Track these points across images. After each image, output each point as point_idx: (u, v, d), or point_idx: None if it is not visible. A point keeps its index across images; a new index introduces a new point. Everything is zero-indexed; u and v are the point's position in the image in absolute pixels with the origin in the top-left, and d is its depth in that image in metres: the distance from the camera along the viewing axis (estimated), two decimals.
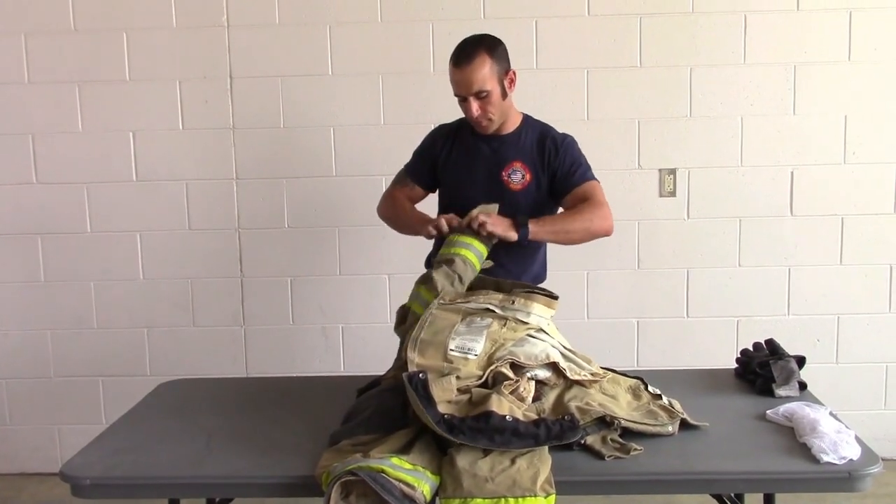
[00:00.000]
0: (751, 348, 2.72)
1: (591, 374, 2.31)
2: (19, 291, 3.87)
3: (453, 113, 2.84)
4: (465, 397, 2.13)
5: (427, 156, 2.90)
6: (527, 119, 2.84)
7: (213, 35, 3.69)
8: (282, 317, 3.84)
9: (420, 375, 2.09)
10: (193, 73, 3.72)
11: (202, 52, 3.70)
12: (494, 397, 2.08)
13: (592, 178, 2.79)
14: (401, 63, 3.68)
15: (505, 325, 2.33)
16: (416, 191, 2.93)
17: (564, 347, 2.38)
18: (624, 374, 2.42)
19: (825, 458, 1.97)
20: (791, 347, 2.64)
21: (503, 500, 1.85)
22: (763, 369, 2.52)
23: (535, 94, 3.66)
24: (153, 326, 3.87)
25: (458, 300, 2.44)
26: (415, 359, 2.22)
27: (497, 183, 2.74)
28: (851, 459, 1.98)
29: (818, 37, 3.63)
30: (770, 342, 2.67)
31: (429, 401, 2.04)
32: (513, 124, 2.79)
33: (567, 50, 3.66)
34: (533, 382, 2.21)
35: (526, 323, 2.35)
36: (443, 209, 2.86)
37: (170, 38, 3.69)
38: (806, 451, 2.03)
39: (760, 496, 2.25)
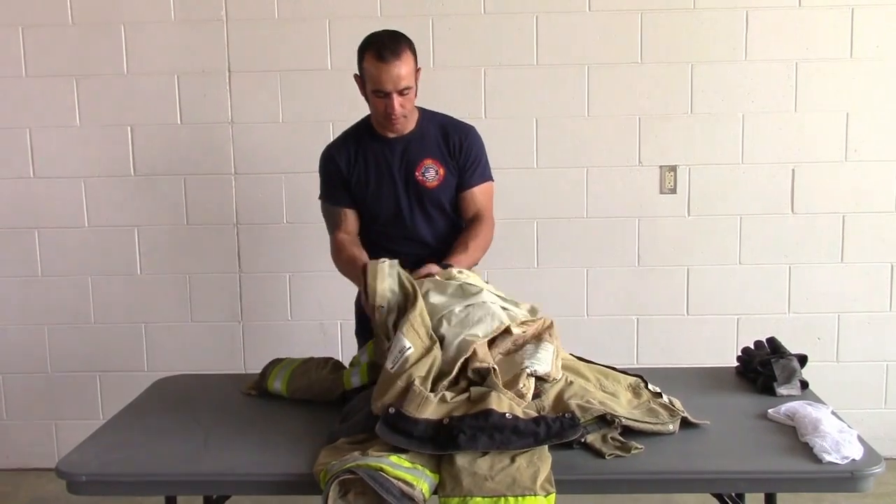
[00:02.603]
0: (752, 346, 2.70)
1: (529, 318, 2.34)
2: (16, 286, 3.85)
3: (451, 108, 2.83)
4: (463, 397, 2.12)
5: (335, 177, 2.79)
6: (423, 112, 2.79)
7: (211, 29, 3.67)
8: (280, 312, 3.83)
9: (390, 410, 2.04)
10: (192, 67, 3.70)
11: (201, 47, 3.68)
12: (493, 395, 2.07)
13: (489, 177, 2.82)
14: None
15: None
16: (349, 216, 2.80)
17: (501, 298, 2.41)
18: (624, 371, 2.41)
19: (827, 458, 1.96)
20: (791, 346, 2.63)
21: (503, 498, 1.83)
22: (764, 368, 2.50)
23: (535, 90, 3.65)
24: (151, 322, 3.86)
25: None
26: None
27: (413, 184, 2.72)
28: (854, 459, 1.96)
29: (820, 34, 3.61)
30: (771, 340, 2.65)
31: (409, 435, 2.00)
32: (413, 121, 2.75)
33: (567, 46, 3.64)
34: (533, 379, 2.19)
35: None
36: (367, 222, 2.82)
37: (168, 32, 3.67)
38: (808, 451, 2.02)
39: (761, 495, 2.24)
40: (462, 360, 2.17)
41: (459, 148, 2.74)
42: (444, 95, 3.50)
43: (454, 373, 2.15)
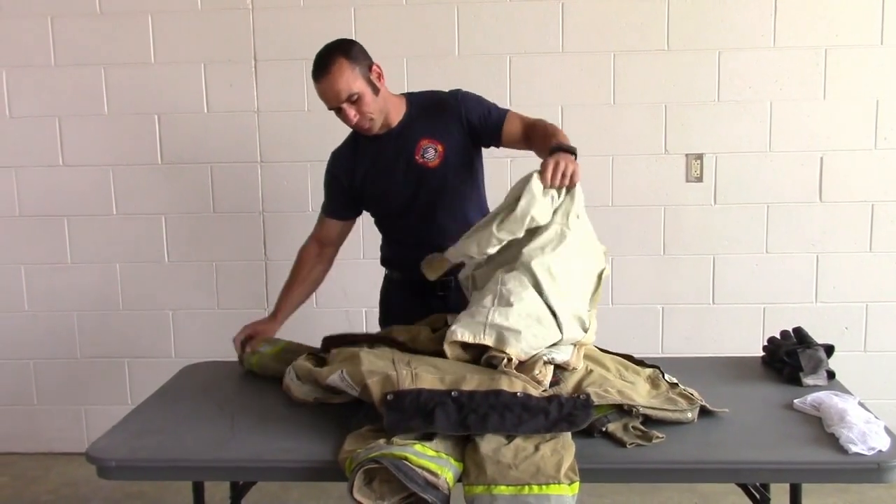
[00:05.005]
0: (778, 336, 2.68)
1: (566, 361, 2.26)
2: (46, 273, 3.90)
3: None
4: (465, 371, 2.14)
5: (336, 187, 2.81)
6: (409, 98, 2.75)
7: (237, 18, 3.69)
8: None
9: (388, 398, 2.03)
10: (218, 56, 3.72)
11: (227, 35, 3.70)
12: (506, 378, 2.07)
13: (506, 109, 2.72)
14: (425, 46, 3.65)
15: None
16: (333, 225, 2.86)
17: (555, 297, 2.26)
18: (641, 362, 2.41)
19: (854, 449, 1.94)
20: (818, 335, 2.60)
21: (527, 487, 1.83)
22: (790, 358, 2.48)
23: (561, 78, 3.64)
24: (178, 309, 3.89)
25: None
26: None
27: (415, 168, 2.67)
28: (880, 450, 1.94)
29: (849, 19, 3.57)
30: (798, 330, 2.63)
31: (417, 412, 2.01)
32: (399, 112, 2.70)
33: (593, 33, 3.62)
34: (550, 367, 2.19)
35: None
36: (384, 222, 2.85)
37: (194, 21, 3.70)
38: (834, 441, 2.00)
39: (785, 486, 2.23)
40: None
41: (455, 112, 2.68)
42: (469, 83, 3.47)
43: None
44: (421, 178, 2.68)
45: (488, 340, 2.16)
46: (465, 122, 2.68)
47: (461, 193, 2.73)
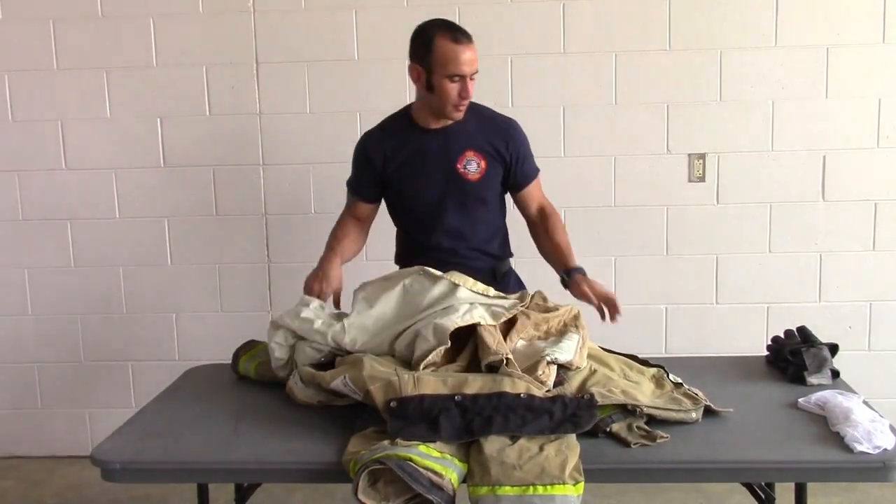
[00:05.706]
0: (782, 335, 2.68)
1: (515, 306, 2.37)
2: (50, 277, 3.90)
3: (477, 97, 2.81)
4: (460, 370, 2.17)
5: (367, 169, 2.78)
6: (469, 105, 2.73)
7: (239, 20, 3.69)
8: None
9: (391, 405, 2.05)
10: (220, 58, 3.72)
11: (228, 38, 3.70)
12: (508, 379, 2.07)
13: (538, 168, 2.83)
14: None
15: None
16: (364, 207, 2.85)
17: (485, 295, 2.43)
18: (645, 362, 2.41)
19: (859, 448, 1.95)
20: (822, 334, 2.61)
21: (531, 487, 1.83)
22: (795, 357, 2.48)
23: (563, 79, 3.64)
24: (181, 311, 3.90)
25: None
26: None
27: (454, 176, 2.67)
28: (886, 449, 1.95)
29: (851, 18, 3.56)
30: (802, 329, 2.64)
31: (422, 418, 2.02)
32: None
33: (595, 33, 3.62)
34: (554, 367, 2.19)
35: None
36: (397, 213, 2.85)
37: (196, 24, 3.70)
38: (839, 440, 2.01)
39: (790, 485, 2.23)
40: (443, 348, 2.21)
41: (505, 143, 2.71)
42: None
43: (437, 358, 2.21)
44: (457, 187, 2.68)
45: (438, 344, 2.22)
46: (505, 152, 2.71)
47: (487, 208, 2.77)
